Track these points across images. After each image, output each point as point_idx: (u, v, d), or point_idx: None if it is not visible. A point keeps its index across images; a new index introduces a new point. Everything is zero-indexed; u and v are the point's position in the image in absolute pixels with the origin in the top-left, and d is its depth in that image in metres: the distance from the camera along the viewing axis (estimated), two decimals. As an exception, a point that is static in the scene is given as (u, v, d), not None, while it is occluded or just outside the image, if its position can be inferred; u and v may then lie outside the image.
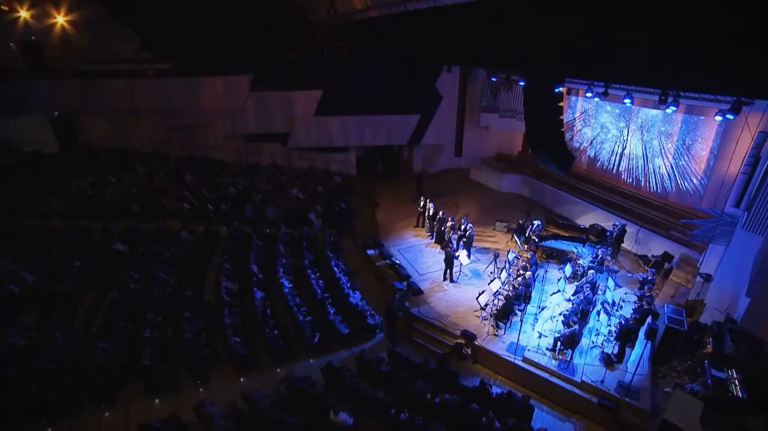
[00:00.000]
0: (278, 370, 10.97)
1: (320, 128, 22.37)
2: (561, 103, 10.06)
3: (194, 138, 23.25)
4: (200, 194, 19.16)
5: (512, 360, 10.94)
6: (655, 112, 16.87)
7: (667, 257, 14.92)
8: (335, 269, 14.44)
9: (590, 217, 18.08)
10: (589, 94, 14.48)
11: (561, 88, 10.29)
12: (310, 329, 11.74)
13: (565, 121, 21.60)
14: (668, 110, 13.06)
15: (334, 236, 16.79)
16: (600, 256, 14.53)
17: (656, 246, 15.59)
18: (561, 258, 15.56)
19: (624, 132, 18.44)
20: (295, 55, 21.54)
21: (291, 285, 13.48)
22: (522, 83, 17.36)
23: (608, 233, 15.79)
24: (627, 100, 13.26)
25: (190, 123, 22.32)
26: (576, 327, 10.88)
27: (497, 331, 11.86)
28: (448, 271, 14.03)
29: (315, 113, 22.05)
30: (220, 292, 12.74)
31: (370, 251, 15.92)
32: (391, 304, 12.10)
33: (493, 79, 20.78)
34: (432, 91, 23.42)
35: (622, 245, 15.86)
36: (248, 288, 13.10)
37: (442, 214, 16.34)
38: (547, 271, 13.98)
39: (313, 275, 13.86)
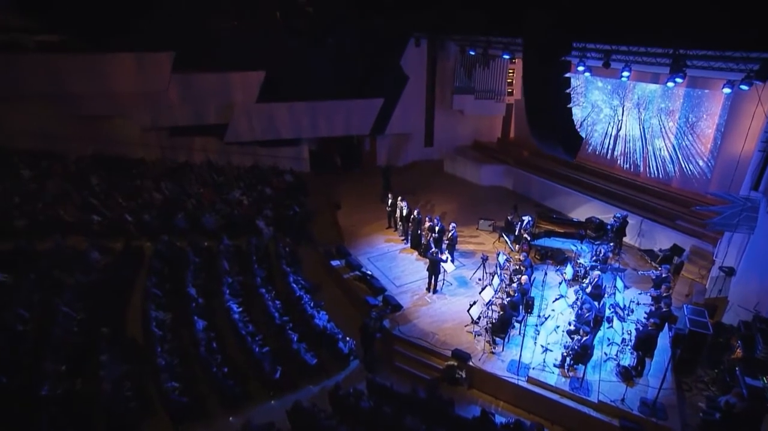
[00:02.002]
0: (231, 418, 10.34)
1: (264, 117, 21.94)
2: (568, 75, 9.83)
3: (102, 132, 21.86)
4: (114, 201, 18.39)
5: (515, 382, 10.72)
6: (653, 86, 17.21)
7: (676, 250, 15.14)
8: (294, 286, 13.98)
9: (584, 209, 18.29)
10: (581, 68, 14.39)
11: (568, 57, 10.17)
12: (270, 362, 11.23)
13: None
14: (669, 84, 13.16)
15: (289, 247, 16.44)
16: (602, 253, 14.58)
17: (662, 238, 15.85)
18: (558, 258, 15.57)
19: (618, 111, 18.75)
20: (233, 24, 20.45)
21: (241, 309, 13.05)
22: (506, 57, 17.27)
23: (608, 227, 15.96)
24: (625, 73, 13.25)
25: (95, 113, 20.75)
26: (588, 337, 10.68)
27: (494, 348, 11.69)
28: (433, 280, 13.87)
29: (257, 100, 21.56)
30: (148, 325, 12.05)
31: (334, 262, 15.62)
32: (367, 325, 11.64)
33: (471, 54, 20.71)
34: (396, 71, 23.14)
35: (624, 239, 16.09)
36: (186, 317, 12.54)
37: (418, 214, 16.23)
38: (547, 274, 13.88)
39: (267, 296, 13.40)
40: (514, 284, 13.13)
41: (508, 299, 12.40)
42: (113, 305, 13.24)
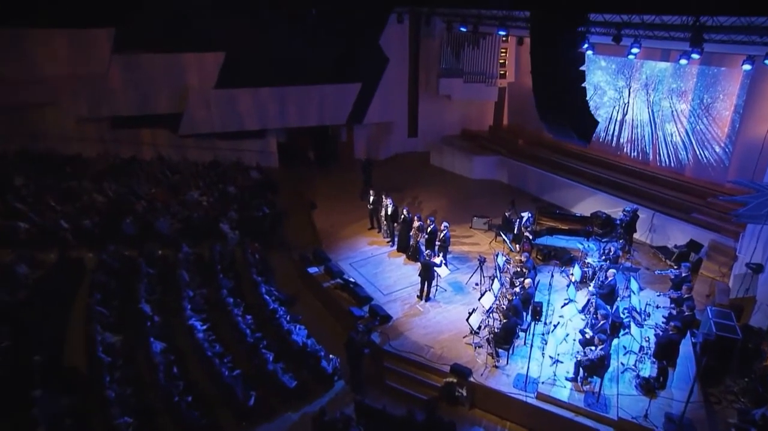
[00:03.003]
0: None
1: (225, 105, 21.65)
2: (581, 50, 9.73)
3: (29, 124, 21.16)
4: (45, 205, 17.95)
5: (523, 399, 10.65)
6: (663, 65, 17.36)
7: (693, 246, 15.25)
8: (267, 297, 13.80)
9: (589, 203, 18.40)
10: (584, 46, 14.31)
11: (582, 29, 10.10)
12: (242, 387, 10.97)
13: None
14: (682, 61, 13.17)
15: (258, 253, 16.27)
16: (612, 251, 14.61)
17: (677, 233, 15.97)
18: (563, 258, 15.64)
19: (624, 93, 18.89)
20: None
21: (206, 327, 12.78)
22: (501, 33, 17.16)
23: (617, 222, 16.05)
24: (634, 50, 13.22)
25: (19, 101, 19.99)
26: (604, 345, 10.57)
27: (498, 361, 11.62)
28: (426, 287, 13.85)
29: (216, 85, 21.26)
30: (93, 351, 11.65)
31: (312, 269, 15.56)
32: (353, 339, 11.40)
33: (462, 30, 20.59)
34: (376, 52, 23.00)
35: (635, 235, 16.18)
36: (140, 339, 12.25)
37: (407, 213, 16.22)
38: (553, 275, 13.84)
39: (236, 310, 13.16)
40: (517, 289, 13.10)
41: (511, 305, 12.29)
42: (47, 329, 12.86)
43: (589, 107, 10.90)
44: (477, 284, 14.30)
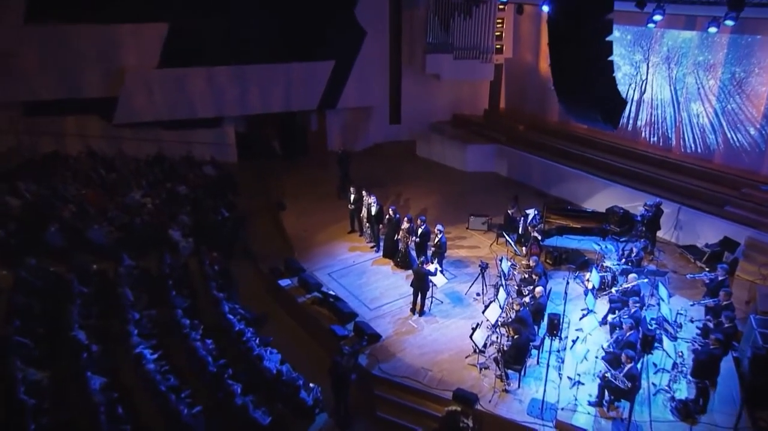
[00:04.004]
0: None
1: (171, 88, 21.57)
2: (610, 17, 9.69)
3: None
4: None
5: (540, 428, 10.57)
6: (687, 34, 17.48)
7: (728, 244, 15.28)
8: (231, 317, 13.58)
9: (603, 198, 18.46)
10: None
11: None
12: (204, 427, 10.81)
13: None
14: (711, 29, 13.18)
15: (218, 264, 16.10)
16: (634, 253, 14.70)
17: (707, 230, 16.05)
18: (578, 262, 15.63)
19: (642, 68, 18.99)
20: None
21: (157, 356, 12.53)
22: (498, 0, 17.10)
23: (637, 219, 16.15)
24: (657, 17, 13.22)
25: None
26: (633, 364, 10.48)
27: (508, 384, 11.55)
28: (420, 299, 13.86)
29: (159, 63, 21.18)
30: (13, 391, 11.28)
31: (283, 282, 15.53)
32: (338, 364, 11.21)
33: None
34: (350, 24, 22.96)
35: (658, 233, 16.23)
36: (74, 375, 11.93)
37: (395, 213, 16.28)
38: (569, 283, 13.87)
39: (194, 334, 12.91)
40: (526, 298, 13.10)
41: (520, 317, 12.21)
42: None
43: (616, 84, 10.85)
44: (479, 295, 14.33)
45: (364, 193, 17.19)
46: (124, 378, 12.28)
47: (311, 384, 11.73)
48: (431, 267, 13.93)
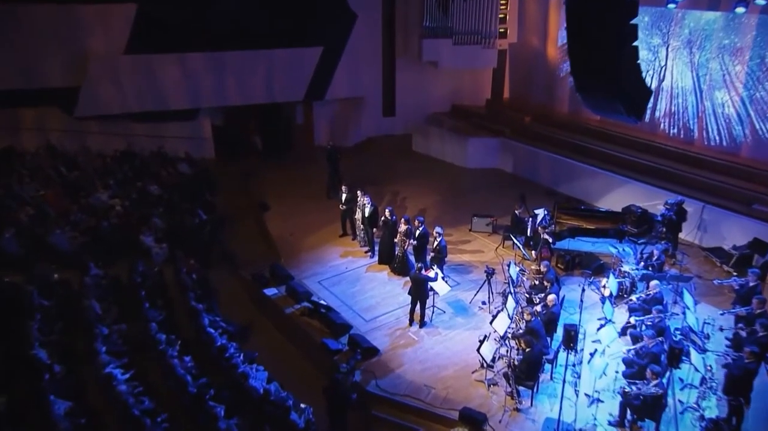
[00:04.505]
0: None
1: (141, 76, 21.49)
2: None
3: None
4: None
5: None
6: (711, 15, 17.45)
7: (758, 246, 15.23)
8: (211, 331, 13.48)
9: (618, 196, 18.46)
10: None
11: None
12: None
13: (560, 43, 21.98)
14: (738, 10, 13.16)
15: (197, 272, 16.05)
16: (654, 256, 14.62)
17: (734, 231, 16.01)
18: (592, 266, 15.63)
19: (661, 53, 18.97)
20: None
21: (129, 375, 12.36)
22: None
23: (657, 219, 16.13)
24: (677, -4, 13.16)
25: None
26: (659, 380, 10.42)
27: (519, 402, 11.48)
28: (420, 309, 13.81)
29: (127, 49, 21.02)
30: None
31: (269, 291, 15.49)
32: (340, 383, 11.10)
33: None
34: (339, 6, 22.96)
35: (680, 234, 16.26)
36: (35, 399, 11.78)
37: (391, 214, 16.32)
38: (584, 289, 13.63)
39: (171, 350, 12.73)
40: (537, 307, 13.05)
41: (531, 328, 12.18)
42: None
43: (641, 72, 10.83)
44: (484, 303, 14.34)
45: (359, 193, 17.14)
46: (92, 402, 12.09)
47: (302, 405, 11.50)
48: (431, 273, 13.89)
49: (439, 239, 15.05)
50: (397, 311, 14.32)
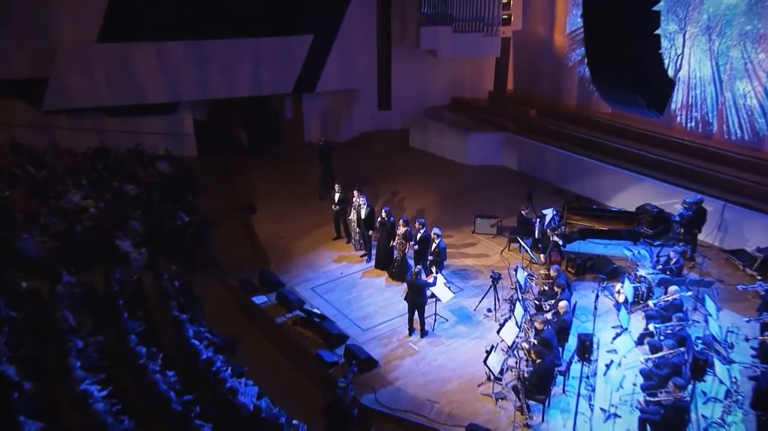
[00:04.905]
0: None
1: (115, 67, 21.61)
2: None
3: None
4: None
5: None
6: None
7: (783, 248, 15.33)
8: (196, 342, 13.35)
9: (631, 194, 18.50)
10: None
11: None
12: None
13: (569, 30, 21.99)
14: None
15: (179, 279, 16.02)
16: (673, 259, 14.59)
17: (758, 231, 15.98)
18: (606, 270, 15.58)
19: (677, 40, 18.96)
20: None
21: (106, 392, 12.13)
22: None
23: (674, 219, 16.12)
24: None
25: None
26: (682, 393, 10.37)
27: (530, 418, 11.45)
28: (419, 317, 13.83)
29: (100, 37, 21.22)
30: None
31: (258, 299, 15.49)
32: (341, 399, 11.08)
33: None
34: None
35: (699, 235, 16.24)
36: (3, 418, 11.57)
37: (389, 215, 16.33)
38: (599, 296, 13.76)
39: (152, 364, 12.60)
40: (548, 314, 13.07)
41: (542, 337, 12.14)
42: None
43: (663, 63, 10.83)
44: (490, 311, 14.38)
45: (355, 193, 17.11)
46: (66, 422, 12.01)
47: (295, 421, 11.41)
48: (430, 278, 13.92)
49: (437, 241, 15.12)
50: (396, 319, 14.32)
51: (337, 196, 17.51)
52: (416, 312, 13.69)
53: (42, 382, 12.81)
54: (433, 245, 15.14)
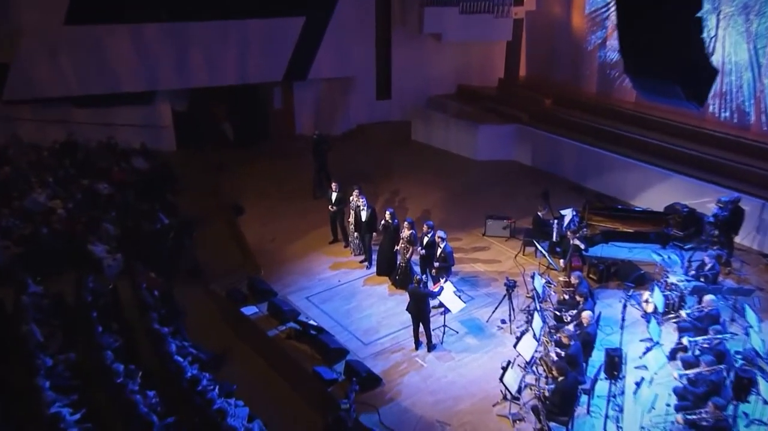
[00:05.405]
0: None
1: (85, 52, 21.66)
2: None
3: None
4: None
5: None
6: (772, -26, 17.58)
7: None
8: (179, 359, 13.12)
9: (658, 193, 18.53)
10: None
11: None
12: None
13: (588, 10, 21.96)
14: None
15: (159, 288, 15.93)
16: (707, 265, 14.54)
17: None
18: (632, 277, 15.52)
19: (710, 21, 18.93)
20: None
21: (80, 416, 11.94)
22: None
23: (708, 220, 16.06)
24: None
25: None
26: (723, 414, 10.39)
27: None
28: (422, 329, 13.86)
29: (67, 20, 21.10)
30: None
31: (248, 310, 15.50)
32: (344, 421, 11.00)
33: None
34: None
35: (736, 238, 16.20)
36: None
37: (392, 217, 16.41)
38: (626, 306, 13.58)
39: (131, 384, 12.46)
40: (570, 326, 12.98)
41: (566, 351, 12.10)
42: None
43: (705, 49, 10.78)
44: (504, 322, 14.39)
45: (354, 193, 17.07)
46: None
47: (290, 446, 11.46)
48: (436, 286, 14.00)
49: (443, 245, 15.05)
50: (400, 331, 14.29)
51: (334, 195, 17.52)
52: (420, 324, 13.72)
53: (7, 404, 12.65)
54: (438, 250, 15.10)
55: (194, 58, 22.32)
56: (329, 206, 17.71)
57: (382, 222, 16.36)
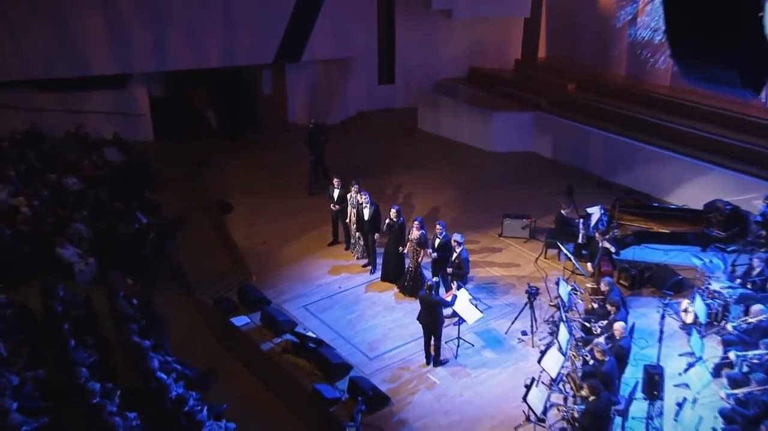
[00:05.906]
0: None
1: (49, 30, 21.93)
2: None
3: None
4: None
5: None
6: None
7: None
8: (162, 376, 13.16)
9: (698, 189, 18.50)
10: None
11: None
12: None
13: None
14: None
15: (138, 297, 15.93)
16: (755, 270, 14.53)
17: None
18: (668, 283, 15.50)
19: None
20: None
21: None
22: None
23: (754, 219, 16.13)
24: None
25: None
26: None
27: None
28: (432, 343, 13.88)
29: None
30: None
31: (238, 320, 15.52)
32: None
33: None
34: None
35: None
36: None
37: (398, 215, 16.40)
38: (664, 315, 13.47)
39: (109, 405, 12.40)
40: (600, 339, 12.85)
41: (591, 367, 12.16)
42: None
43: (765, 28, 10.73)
44: (525, 334, 14.44)
45: (353, 189, 17.16)
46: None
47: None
48: (448, 294, 14.04)
49: (459, 250, 15.04)
50: (410, 344, 14.30)
51: (336, 193, 17.56)
52: (432, 337, 13.73)
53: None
54: (454, 255, 15.14)
55: (173, 37, 22.41)
56: (332, 206, 17.68)
57: (387, 221, 16.20)
